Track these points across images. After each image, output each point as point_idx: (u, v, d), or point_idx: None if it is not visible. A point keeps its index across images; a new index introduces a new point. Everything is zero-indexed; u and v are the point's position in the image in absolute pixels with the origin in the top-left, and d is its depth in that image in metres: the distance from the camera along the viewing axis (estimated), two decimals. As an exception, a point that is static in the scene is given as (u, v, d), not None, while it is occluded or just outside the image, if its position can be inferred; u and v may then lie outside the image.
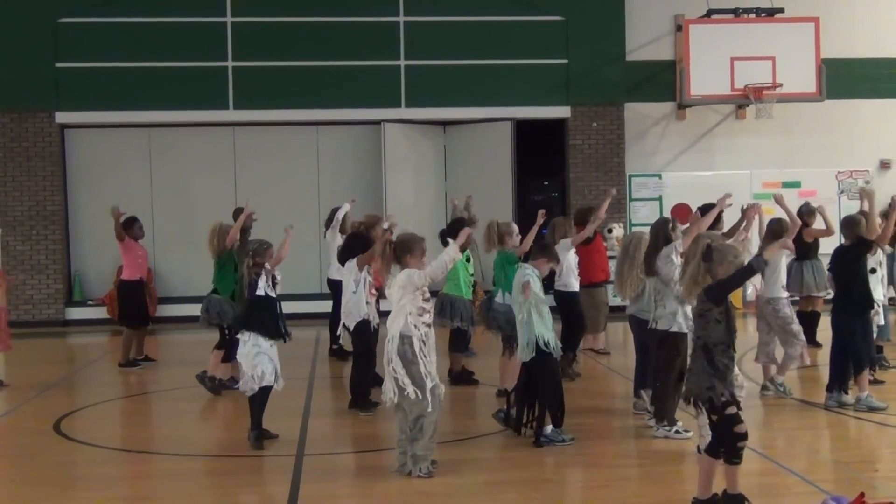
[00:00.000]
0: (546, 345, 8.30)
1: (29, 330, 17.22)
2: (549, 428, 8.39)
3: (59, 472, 8.01)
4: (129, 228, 13.13)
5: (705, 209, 10.16)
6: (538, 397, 8.44)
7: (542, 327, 8.33)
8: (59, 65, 18.01)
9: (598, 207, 11.98)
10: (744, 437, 6.15)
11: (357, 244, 10.07)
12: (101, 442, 8.91)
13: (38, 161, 18.08)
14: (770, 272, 10.39)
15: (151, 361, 13.31)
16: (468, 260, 11.16)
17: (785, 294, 10.36)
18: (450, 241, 7.46)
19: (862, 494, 5.56)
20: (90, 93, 17.99)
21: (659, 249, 8.63)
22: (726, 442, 6.14)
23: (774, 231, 10.20)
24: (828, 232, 12.17)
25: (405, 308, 7.40)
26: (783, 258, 10.48)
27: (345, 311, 10.00)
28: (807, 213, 13.44)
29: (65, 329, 17.86)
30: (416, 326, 7.39)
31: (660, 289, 8.63)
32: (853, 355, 9.54)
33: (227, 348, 10.61)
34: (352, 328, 9.90)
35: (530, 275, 8.42)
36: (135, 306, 13.15)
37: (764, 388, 10.29)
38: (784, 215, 10.37)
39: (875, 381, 10.59)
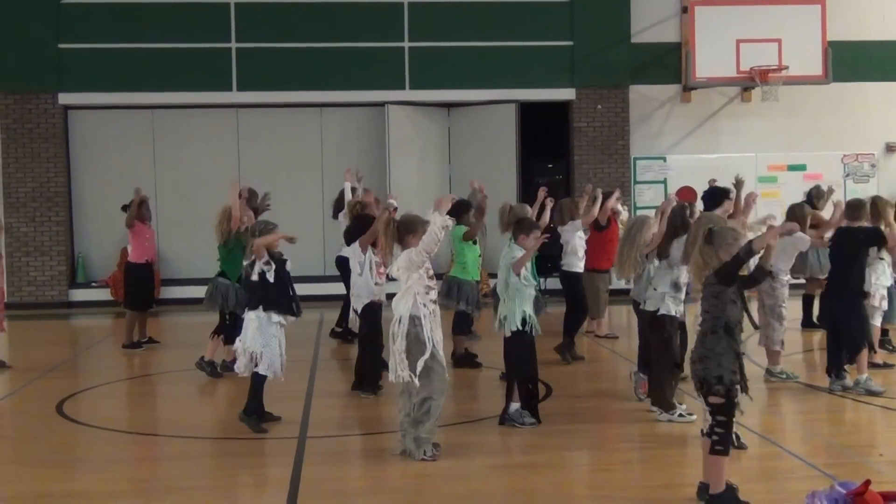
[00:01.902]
0: (524, 322, 8.28)
1: (32, 312, 17.24)
2: (514, 406, 8.36)
3: (61, 453, 8.01)
4: (136, 210, 13.07)
5: (713, 194, 10.15)
6: (507, 372, 8.43)
7: (525, 305, 8.31)
8: (62, 46, 17.96)
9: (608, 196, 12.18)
10: (732, 426, 6.11)
11: (361, 226, 10.01)
12: (104, 424, 8.91)
13: (41, 142, 18.05)
14: (778, 251, 10.33)
15: (155, 343, 13.30)
16: (475, 243, 11.13)
17: (785, 276, 10.30)
18: (436, 214, 7.29)
19: (868, 482, 5.52)
20: (93, 74, 17.95)
21: (677, 235, 8.48)
22: (726, 430, 6.04)
23: (795, 215, 10.20)
24: (824, 231, 11.74)
25: (412, 288, 7.36)
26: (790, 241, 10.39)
27: (353, 294, 9.96)
28: (816, 196, 13.38)
29: (68, 311, 17.86)
30: (424, 305, 7.34)
31: (657, 271, 8.57)
32: (846, 337, 9.48)
33: (228, 331, 10.57)
34: (359, 310, 9.86)
35: (517, 255, 8.40)
36: (140, 289, 13.11)
37: (768, 372, 10.24)
38: (799, 200, 10.38)
39: (884, 365, 10.57)
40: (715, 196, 10.32)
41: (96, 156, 18.51)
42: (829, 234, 10.39)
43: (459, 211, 11.06)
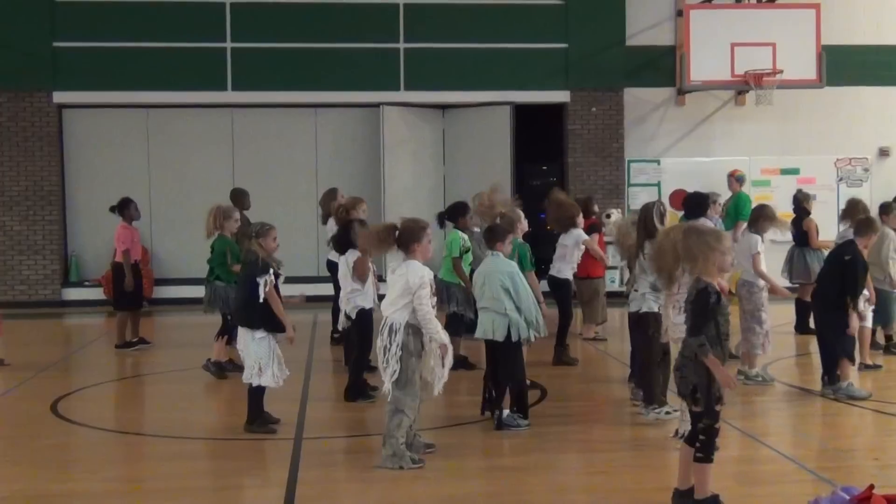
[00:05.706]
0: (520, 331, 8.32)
1: (25, 311, 17.19)
2: (505, 412, 8.38)
3: (56, 453, 7.99)
4: (125, 209, 13.07)
5: (698, 200, 10.23)
6: (500, 378, 8.44)
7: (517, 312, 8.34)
8: (56, 44, 17.93)
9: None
10: (718, 433, 6.04)
11: (348, 233, 9.94)
12: (98, 423, 8.90)
13: (35, 141, 18.02)
14: (739, 257, 10.28)
15: (147, 343, 13.26)
16: (468, 251, 11.09)
17: (762, 281, 10.26)
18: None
19: (872, 486, 5.54)
20: (88, 73, 17.93)
21: (650, 237, 8.45)
22: (708, 437, 5.96)
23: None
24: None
25: (412, 304, 7.25)
26: (760, 244, 10.32)
27: (344, 299, 9.95)
28: (803, 199, 13.48)
29: (61, 310, 17.83)
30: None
31: (638, 274, 8.62)
32: (832, 346, 9.52)
33: (232, 331, 10.53)
34: (353, 316, 9.85)
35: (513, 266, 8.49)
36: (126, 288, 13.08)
37: (744, 375, 10.15)
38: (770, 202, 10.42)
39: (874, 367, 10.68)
40: (700, 202, 10.33)
41: (90, 155, 18.47)
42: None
43: (457, 214, 11.07)
